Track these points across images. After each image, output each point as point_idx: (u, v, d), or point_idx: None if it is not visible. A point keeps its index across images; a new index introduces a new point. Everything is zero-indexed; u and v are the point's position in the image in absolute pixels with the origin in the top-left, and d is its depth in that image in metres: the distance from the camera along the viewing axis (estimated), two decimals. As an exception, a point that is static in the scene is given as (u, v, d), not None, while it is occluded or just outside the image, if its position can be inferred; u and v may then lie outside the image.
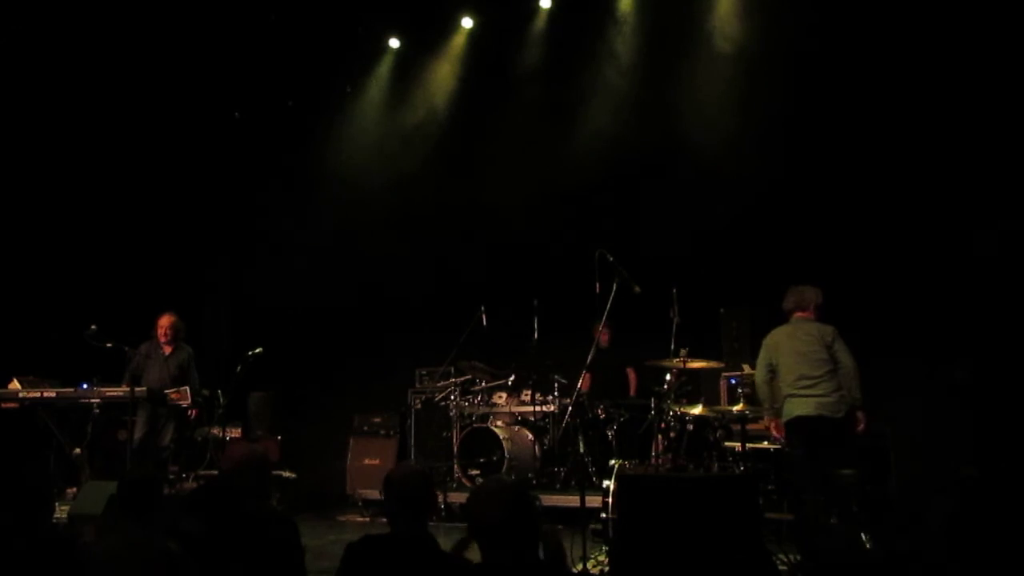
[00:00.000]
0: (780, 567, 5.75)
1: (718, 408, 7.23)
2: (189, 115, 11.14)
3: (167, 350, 9.18)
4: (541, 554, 3.32)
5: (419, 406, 10.45)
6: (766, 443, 7.21)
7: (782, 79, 9.24)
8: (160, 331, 9.17)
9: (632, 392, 9.88)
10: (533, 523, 3.11)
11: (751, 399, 8.05)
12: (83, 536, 5.21)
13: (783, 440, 6.80)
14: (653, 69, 10.24)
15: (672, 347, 7.08)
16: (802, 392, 6.61)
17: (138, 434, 8.85)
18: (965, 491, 6.43)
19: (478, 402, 10.12)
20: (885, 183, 8.69)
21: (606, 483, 6.57)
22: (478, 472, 9.38)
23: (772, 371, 6.84)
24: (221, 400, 9.45)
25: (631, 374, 10.03)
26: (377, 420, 10.69)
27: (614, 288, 6.63)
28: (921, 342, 7.99)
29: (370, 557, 3.50)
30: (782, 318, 8.76)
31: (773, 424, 6.84)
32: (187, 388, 8.84)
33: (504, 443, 9.24)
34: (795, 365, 6.70)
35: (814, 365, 6.63)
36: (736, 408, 6.52)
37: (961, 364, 7.66)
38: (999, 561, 5.20)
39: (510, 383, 9.91)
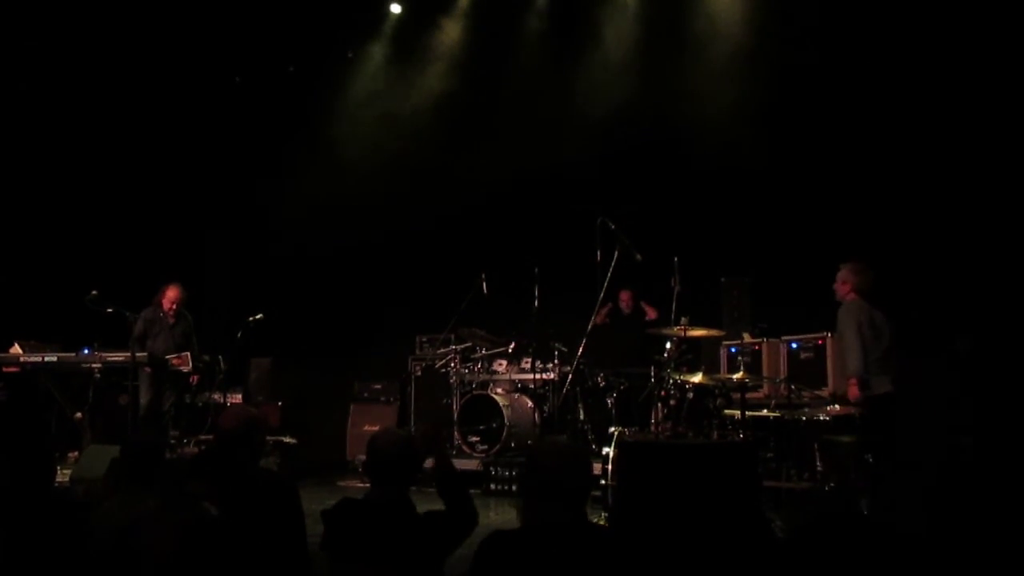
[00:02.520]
0: (778, 534, 5.77)
1: (718, 376, 7.23)
2: (190, 79, 11.05)
3: (171, 319, 9.19)
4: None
5: (419, 373, 10.47)
6: (765, 411, 7.23)
7: (785, 52, 9.17)
8: (167, 303, 9.17)
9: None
10: (590, 485, 3.15)
11: (751, 367, 8.07)
12: (85, 498, 5.24)
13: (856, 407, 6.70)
14: (658, 39, 10.16)
15: (673, 315, 7.08)
16: (884, 370, 6.64)
17: (143, 399, 8.88)
18: (947, 463, 6.46)
19: (478, 369, 10.14)
20: (887, 154, 8.65)
21: (606, 450, 6.60)
22: (478, 439, 9.42)
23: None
24: (222, 366, 9.47)
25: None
26: (377, 387, 10.72)
27: (615, 256, 6.62)
28: (922, 312, 8.00)
29: (349, 521, 3.51)
30: (782, 288, 8.80)
31: (856, 383, 6.73)
32: (188, 354, 8.87)
33: (504, 410, 9.27)
34: (879, 343, 6.69)
35: (887, 345, 6.69)
36: (736, 376, 6.52)
37: (963, 334, 7.66)
38: (983, 532, 5.22)
39: (510, 350, 9.92)
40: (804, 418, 6.58)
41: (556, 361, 9.45)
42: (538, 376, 9.57)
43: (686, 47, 9.94)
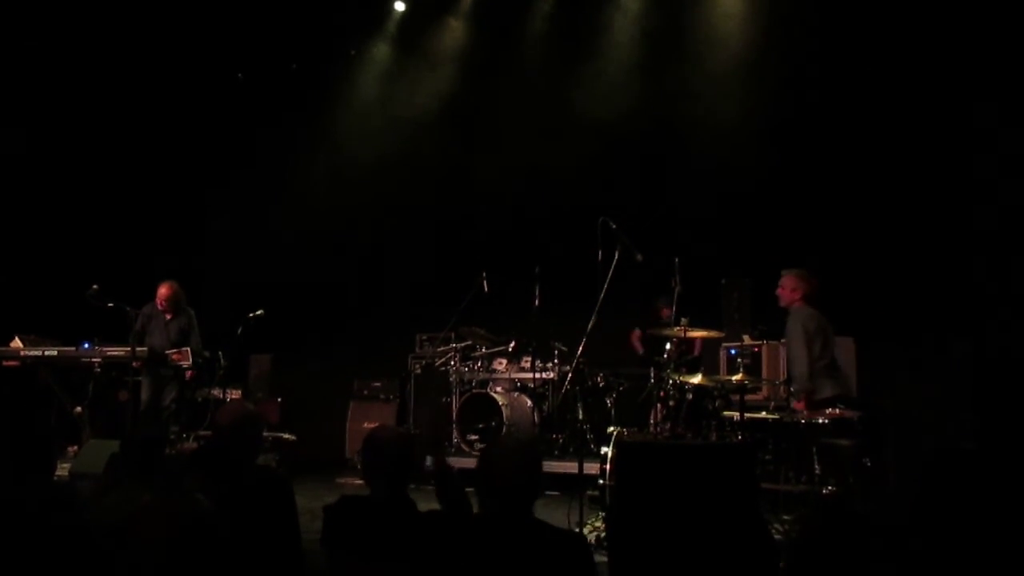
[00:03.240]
0: (776, 536, 5.77)
1: (717, 378, 7.23)
2: (192, 76, 11.06)
3: (168, 316, 9.20)
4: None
5: (419, 371, 10.47)
6: (764, 413, 7.22)
7: (788, 55, 9.19)
8: (159, 302, 9.16)
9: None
10: (539, 481, 3.25)
11: (750, 369, 8.07)
12: (84, 493, 5.24)
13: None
14: (661, 42, 10.17)
15: (673, 316, 7.08)
16: (830, 375, 6.81)
17: (145, 395, 8.89)
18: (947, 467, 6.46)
19: (478, 368, 10.15)
20: (888, 158, 8.66)
21: (604, 450, 6.61)
22: (477, 438, 9.43)
23: None
24: (222, 362, 9.46)
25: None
26: (377, 385, 10.73)
27: (616, 256, 6.62)
28: (920, 315, 8.01)
29: (349, 518, 3.54)
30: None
31: (807, 401, 6.82)
32: (188, 349, 8.87)
33: (503, 409, 9.28)
34: (826, 350, 6.87)
35: (832, 351, 6.87)
36: (735, 378, 6.52)
37: (963, 337, 7.68)
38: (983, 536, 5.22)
39: (510, 349, 9.93)
40: (803, 421, 6.57)
41: (556, 360, 9.46)
42: (538, 375, 9.58)
43: (689, 50, 9.96)
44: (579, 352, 7.07)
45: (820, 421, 6.42)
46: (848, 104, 8.88)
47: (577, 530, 5.93)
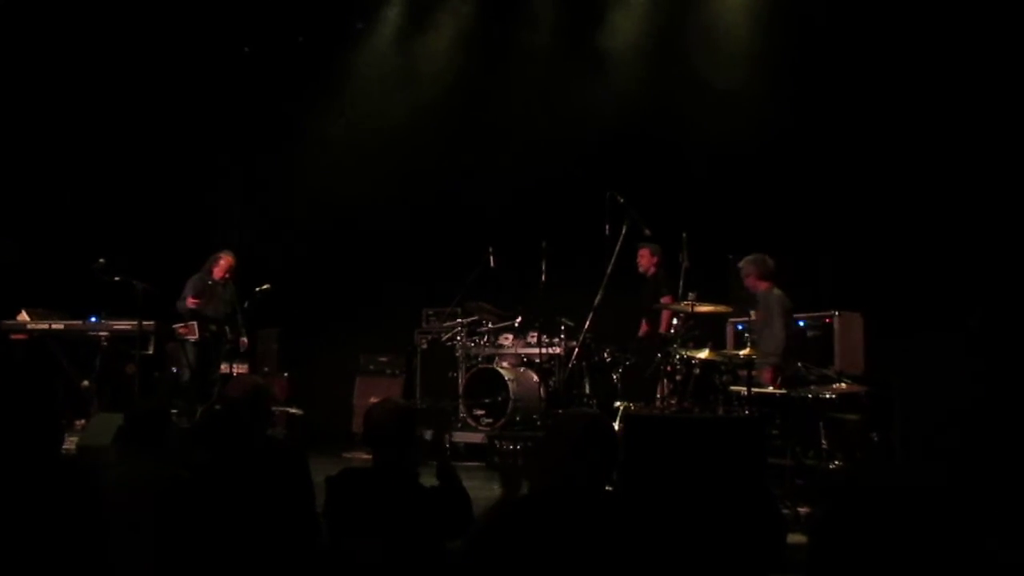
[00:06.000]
0: (783, 511, 5.77)
1: (725, 352, 7.21)
2: (199, 49, 11.01)
3: (222, 285, 9.27)
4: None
5: (425, 346, 10.48)
6: (771, 388, 7.21)
7: (795, 25, 9.10)
8: (220, 271, 9.24)
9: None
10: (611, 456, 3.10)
11: (758, 344, 8.05)
12: (93, 466, 5.26)
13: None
14: (669, 13, 10.08)
15: (680, 291, 7.06)
16: (795, 353, 7.09)
17: (190, 360, 8.92)
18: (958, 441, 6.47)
19: (484, 343, 10.14)
20: (897, 129, 8.58)
21: (611, 425, 6.60)
22: (483, 412, 9.43)
23: None
24: (228, 335, 9.47)
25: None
26: (383, 359, 10.73)
27: (624, 230, 6.60)
28: (929, 289, 7.97)
29: (350, 490, 3.53)
30: (790, 266, 8.78)
31: (773, 370, 6.96)
32: (195, 323, 8.90)
33: (510, 384, 9.27)
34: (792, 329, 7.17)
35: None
36: (743, 353, 6.50)
37: (974, 311, 7.63)
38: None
39: (517, 325, 9.91)
40: (810, 396, 6.56)
41: (562, 336, 9.44)
42: (544, 350, 9.57)
43: (699, 25, 9.86)
44: (586, 327, 7.06)
45: (827, 396, 6.40)
46: (855, 80, 8.79)
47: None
